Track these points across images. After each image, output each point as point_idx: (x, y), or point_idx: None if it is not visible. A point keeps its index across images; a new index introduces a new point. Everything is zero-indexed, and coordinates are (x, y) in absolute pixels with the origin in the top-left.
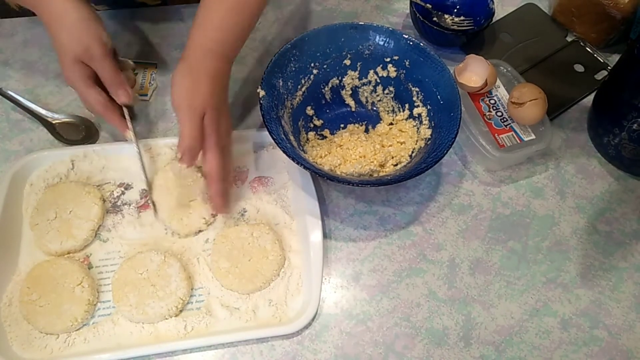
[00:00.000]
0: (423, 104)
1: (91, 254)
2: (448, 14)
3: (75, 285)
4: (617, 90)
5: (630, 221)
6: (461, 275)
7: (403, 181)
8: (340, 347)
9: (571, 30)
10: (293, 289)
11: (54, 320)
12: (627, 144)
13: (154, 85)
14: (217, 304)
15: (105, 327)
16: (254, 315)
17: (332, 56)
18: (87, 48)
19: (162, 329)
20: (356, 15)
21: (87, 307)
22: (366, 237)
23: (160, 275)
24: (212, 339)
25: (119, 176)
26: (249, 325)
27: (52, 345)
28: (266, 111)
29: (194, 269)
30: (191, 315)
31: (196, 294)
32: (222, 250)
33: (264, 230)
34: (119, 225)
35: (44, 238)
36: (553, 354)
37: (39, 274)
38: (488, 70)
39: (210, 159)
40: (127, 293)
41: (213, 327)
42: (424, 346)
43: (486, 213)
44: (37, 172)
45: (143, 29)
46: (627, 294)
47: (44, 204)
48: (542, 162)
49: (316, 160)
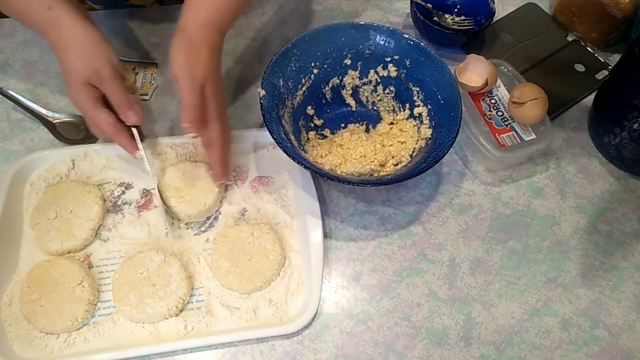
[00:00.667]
0: (424, 103)
1: (91, 254)
2: (449, 14)
3: (75, 285)
4: (618, 90)
5: (631, 221)
6: (461, 275)
7: (403, 181)
8: (340, 347)
9: (572, 29)
10: (293, 288)
11: (54, 319)
12: (628, 143)
13: (154, 85)
14: (217, 303)
15: (105, 327)
16: (254, 315)
17: (333, 56)
18: (97, 70)
19: (162, 328)
20: (356, 14)
21: (88, 307)
22: (366, 237)
23: (160, 274)
24: (212, 339)
25: (120, 176)
26: (249, 325)
27: (52, 345)
28: (267, 111)
29: (194, 269)
30: (191, 314)
31: (196, 294)
32: (223, 250)
33: (264, 229)
34: (119, 224)
35: (45, 237)
36: (553, 354)
37: (40, 274)
38: (489, 70)
39: (212, 128)
40: (128, 293)
41: (213, 326)
42: (424, 346)
43: (487, 213)
44: (38, 172)
45: (143, 29)
46: (627, 293)
47: (45, 204)
48: (543, 162)
49: (316, 160)
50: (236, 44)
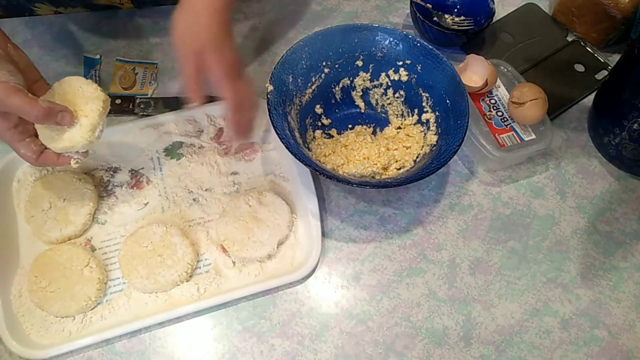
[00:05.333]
0: (432, 110)
1: (92, 237)
2: (448, 14)
3: (83, 267)
4: (618, 90)
5: (631, 221)
6: (461, 275)
7: (403, 185)
8: (340, 347)
9: (571, 30)
10: (296, 242)
11: (68, 302)
12: (628, 143)
13: (154, 85)
14: (224, 264)
15: (120, 302)
16: (261, 269)
17: (345, 56)
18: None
19: (175, 294)
20: (356, 15)
21: (99, 286)
22: (366, 237)
23: (165, 245)
24: (225, 296)
25: (105, 160)
26: (259, 279)
27: (69, 328)
28: (273, 106)
29: (196, 237)
30: (202, 278)
31: (203, 259)
32: (230, 219)
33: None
34: (114, 207)
35: (43, 228)
36: (553, 354)
37: (45, 262)
38: (488, 70)
39: (223, 92)
40: (136, 266)
41: (225, 285)
42: (424, 346)
43: (486, 213)
44: (23, 168)
45: (143, 29)
46: (627, 293)
47: (36, 196)
48: (543, 162)
49: (320, 159)
50: (236, 43)
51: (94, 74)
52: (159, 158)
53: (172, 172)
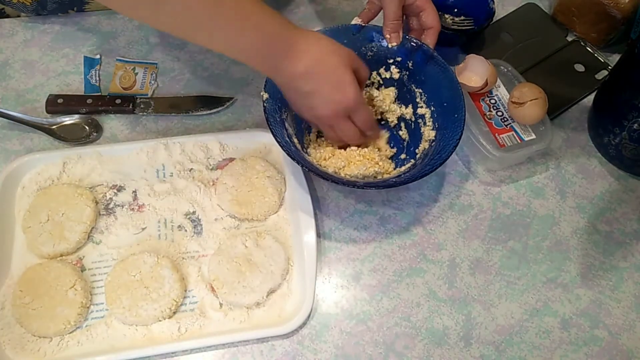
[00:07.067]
0: (427, 105)
1: (84, 257)
2: (448, 14)
3: (68, 288)
4: (618, 90)
5: (631, 221)
6: (461, 275)
7: (408, 183)
8: (340, 347)
9: (571, 29)
10: (288, 289)
11: (47, 323)
12: (628, 143)
13: (154, 85)
14: (211, 305)
15: (98, 330)
16: (247, 316)
17: None
18: None
19: (155, 330)
20: (356, 15)
21: (80, 310)
22: (366, 237)
23: (153, 277)
24: (206, 340)
25: (111, 178)
26: (243, 327)
27: (45, 349)
28: (270, 114)
29: (187, 271)
30: (185, 316)
31: (190, 295)
32: (223, 258)
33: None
34: (111, 227)
35: (37, 241)
36: (553, 354)
37: (32, 277)
38: (488, 70)
39: (432, 13)
40: (120, 295)
41: (207, 328)
42: (424, 346)
43: (486, 213)
44: (29, 175)
45: (143, 29)
46: (627, 293)
47: (36, 207)
48: (543, 162)
49: (320, 163)
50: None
51: (94, 74)
52: (164, 182)
53: (176, 199)
